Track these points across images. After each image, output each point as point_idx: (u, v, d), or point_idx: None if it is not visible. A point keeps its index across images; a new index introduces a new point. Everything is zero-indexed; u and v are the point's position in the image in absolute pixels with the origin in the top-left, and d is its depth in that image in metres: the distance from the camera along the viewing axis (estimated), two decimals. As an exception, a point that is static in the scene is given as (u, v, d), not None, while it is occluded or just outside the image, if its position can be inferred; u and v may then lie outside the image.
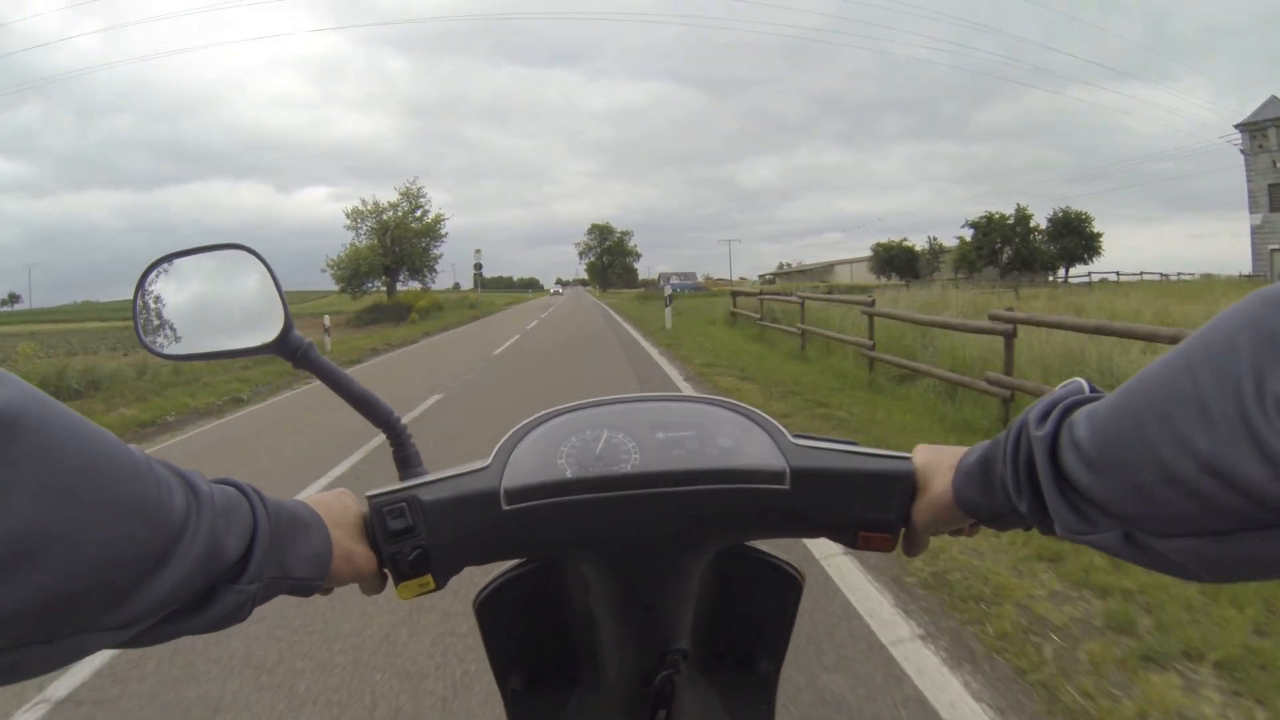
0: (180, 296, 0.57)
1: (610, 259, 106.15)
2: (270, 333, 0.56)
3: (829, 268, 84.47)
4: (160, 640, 0.36)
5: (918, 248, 57.76)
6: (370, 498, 0.55)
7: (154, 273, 0.56)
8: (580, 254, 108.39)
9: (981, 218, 47.69)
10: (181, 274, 0.57)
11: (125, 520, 0.31)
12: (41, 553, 0.28)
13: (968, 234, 48.31)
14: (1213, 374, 0.30)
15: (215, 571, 0.36)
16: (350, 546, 0.51)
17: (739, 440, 0.59)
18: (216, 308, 0.58)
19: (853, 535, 0.57)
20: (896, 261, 57.69)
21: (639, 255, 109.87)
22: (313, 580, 0.46)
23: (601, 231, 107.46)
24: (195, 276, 0.58)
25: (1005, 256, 46.58)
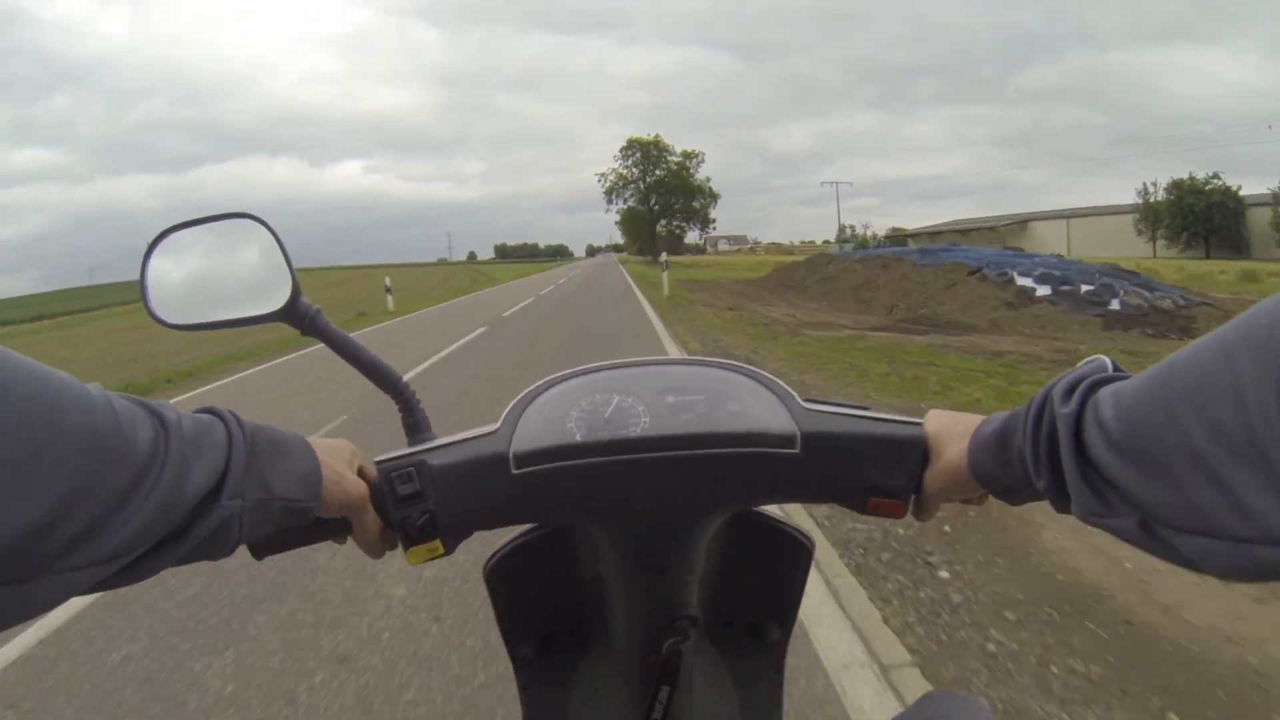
0: (188, 266, 0.57)
1: (664, 202, 65.51)
2: (278, 300, 0.56)
3: (1017, 224, 58.24)
4: (145, 575, 0.37)
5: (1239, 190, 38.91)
6: (379, 463, 0.55)
7: (161, 243, 0.56)
8: (609, 194, 66.19)
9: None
10: (189, 244, 0.57)
11: (79, 456, 0.31)
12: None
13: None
14: (1252, 361, 0.30)
15: (189, 498, 0.37)
16: (340, 470, 0.51)
17: (749, 404, 0.58)
18: (224, 277, 0.58)
19: (863, 501, 0.56)
20: (1194, 217, 39.98)
21: (714, 197, 66.38)
22: (303, 500, 0.46)
23: (645, 151, 65.06)
24: (203, 246, 0.58)
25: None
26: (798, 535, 0.66)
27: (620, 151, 67.62)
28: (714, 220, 69.26)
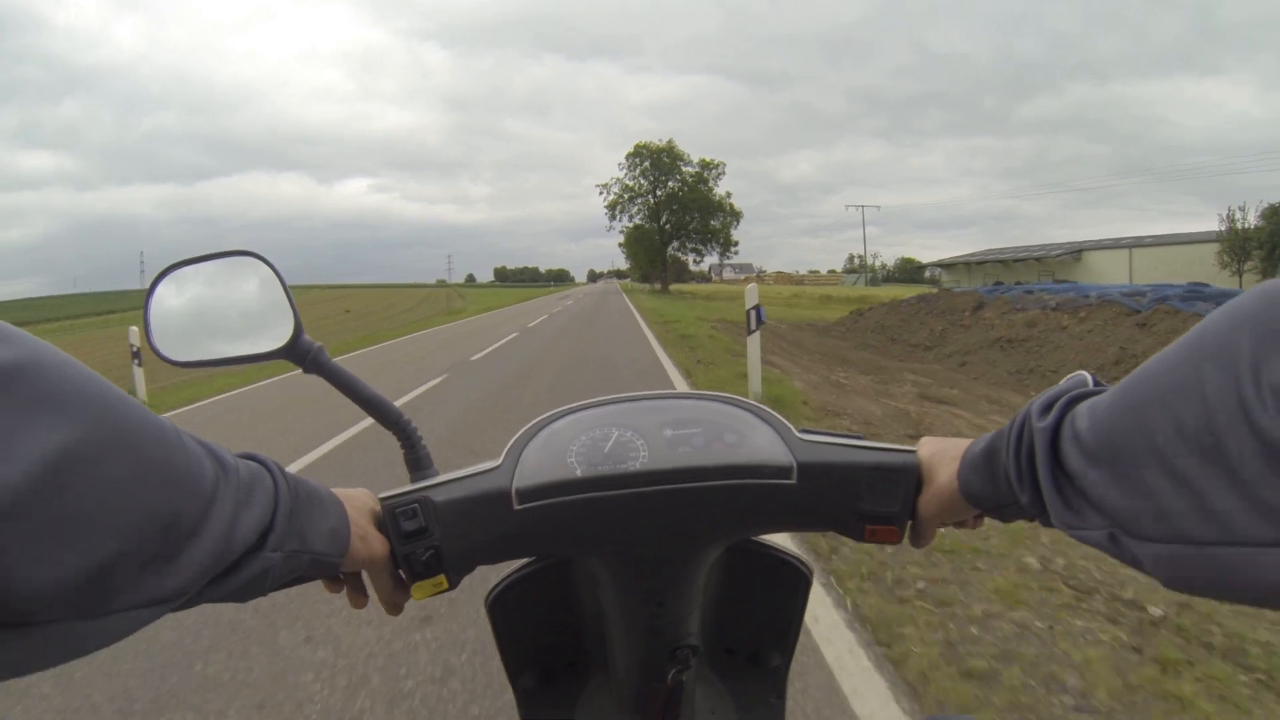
0: (191, 303, 0.58)
1: (677, 219, 52.95)
2: (281, 338, 0.57)
3: (1070, 254, 49.57)
4: (188, 607, 0.37)
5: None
6: (383, 499, 0.56)
7: (164, 280, 0.57)
8: (612, 209, 54.37)
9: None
10: (192, 281, 0.58)
11: (162, 486, 0.32)
12: (88, 517, 0.28)
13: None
14: (1213, 365, 0.31)
15: (243, 541, 0.37)
16: (366, 527, 0.52)
17: (746, 436, 0.59)
18: (227, 314, 0.59)
19: (859, 528, 0.57)
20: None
21: (737, 216, 53.64)
22: (332, 556, 0.47)
23: (656, 159, 52.67)
24: (205, 283, 0.58)
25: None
26: (796, 563, 0.66)
27: (626, 159, 54.58)
28: (736, 243, 55.19)
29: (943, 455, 0.54)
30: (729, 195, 54.57)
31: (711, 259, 58.49)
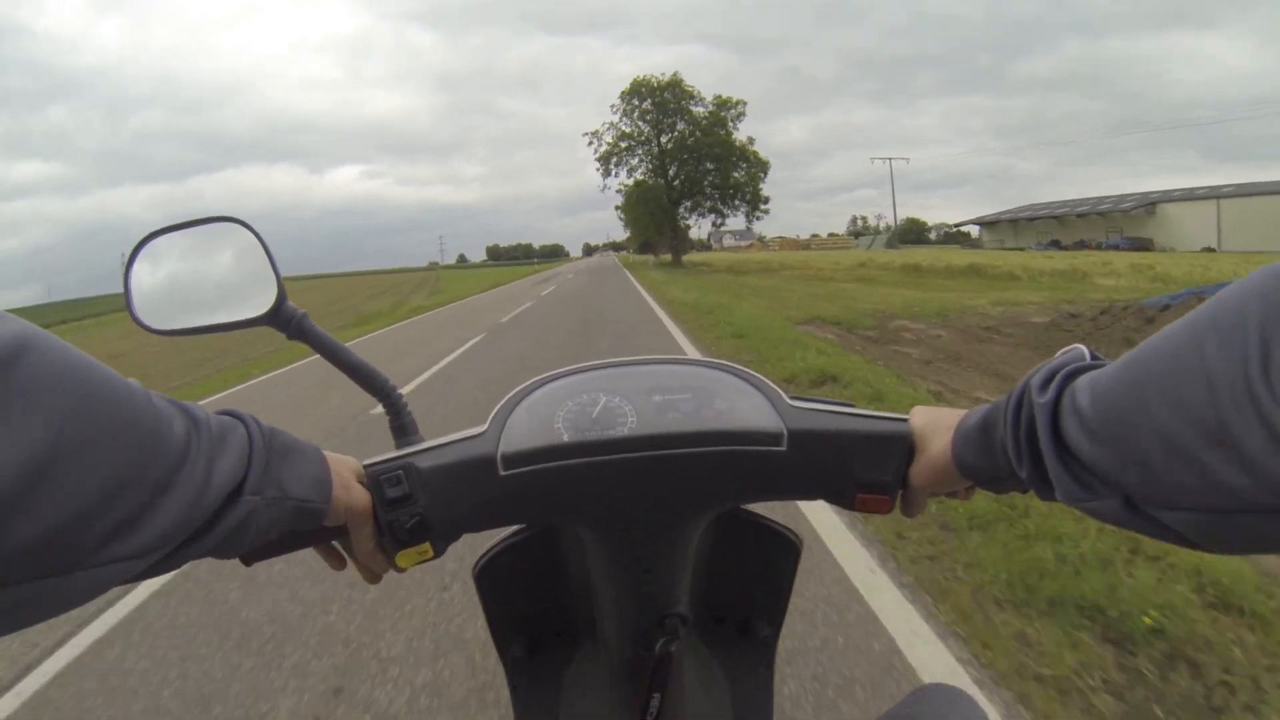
0: (172, 271, 0.57)
1: (690, 172, 41.79)
2: (264, 305, 0.56)
3: (1142, 207, 43.47)
4: (169, 569, 0.37)
5: None
6: (367, 466, 0.55)
7: (145, 248, 0.56)
8: (605, 165, 43.08)
9: None
10: (173, 249, 0.57)
11: (126, 447, 0.32)
12: (48, 482, 0.28)
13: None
14: (1219, 344, 0.30)
15: (217, 494, 0.38)
16: (348, 478, 0.52)
17: (736, 402, 0.58)
18: (209, 281, 0.58)
19: (850, 497, 0.57)
20: None
21: (764, 166, 41.97)
22: (315, 502, 0.47)
23: (659, 98, 41.52)
24: (187, 251, 0.57)
25: None
26: (786, 533, 0.66)
27: (621, 98, 42.70)
28: (767, 199, 42.90)
29: (935, 425, 0.54)
30: (751, 141, 42.58)
31: (737, 221, 46.88)
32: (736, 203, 43.53)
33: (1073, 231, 50.81)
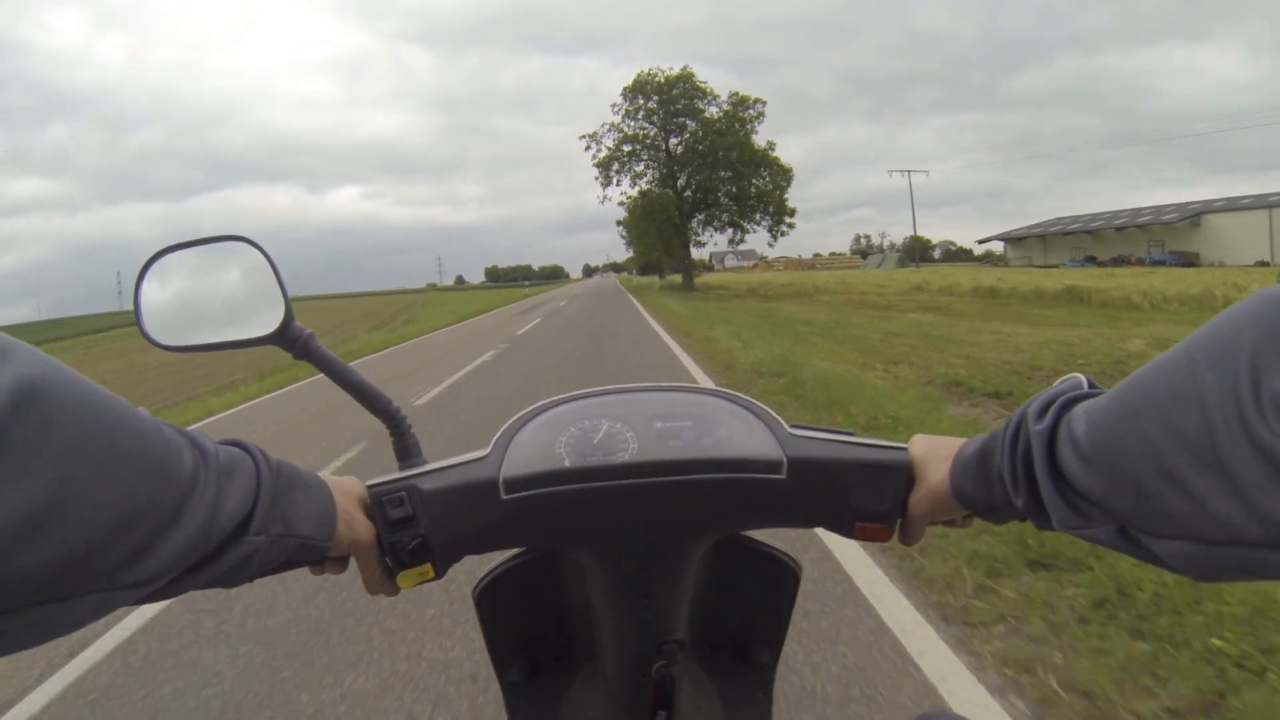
0: (182, 289, 0.58)
1: (703, 180, 36.03)
2: (271, 324, 0.57)
3: (1187, 219, 40.26)
4: (172, 595, 0.37)
5: None
6: (370, 487, 0.55)
7: (154, 266, 0.57)
8: (605, 172, 37.19)
9: None
10: (183, 267, 0.58)
11: (136, 479, 0.32)
12: (57, 515, 0.28)
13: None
14: (1212, 372, 0.31)
15: (223, 527, 0.37)
16: (352, 512, 0.52)
17: (736, 430, 0.59)
18: (218, 299, 0.59)
19: (849, 525, 0.57)
20: None
21: (787, 173, 36.08)
22: (318, 540, 0.47)
23: (665, 95, 35.69)
24: (196, 269, 0.58)
25: None
26: (784, 559, 0.66)
27: (623, 95, 36.58)
28: (794, 212, 36.71)
29: (934, 454, 0.54)
30: (772, 146, 36.08)
31: (760, 235, 41.12)
32: (758, 216, 36.97)
33: (1108, 246, 47.00)
